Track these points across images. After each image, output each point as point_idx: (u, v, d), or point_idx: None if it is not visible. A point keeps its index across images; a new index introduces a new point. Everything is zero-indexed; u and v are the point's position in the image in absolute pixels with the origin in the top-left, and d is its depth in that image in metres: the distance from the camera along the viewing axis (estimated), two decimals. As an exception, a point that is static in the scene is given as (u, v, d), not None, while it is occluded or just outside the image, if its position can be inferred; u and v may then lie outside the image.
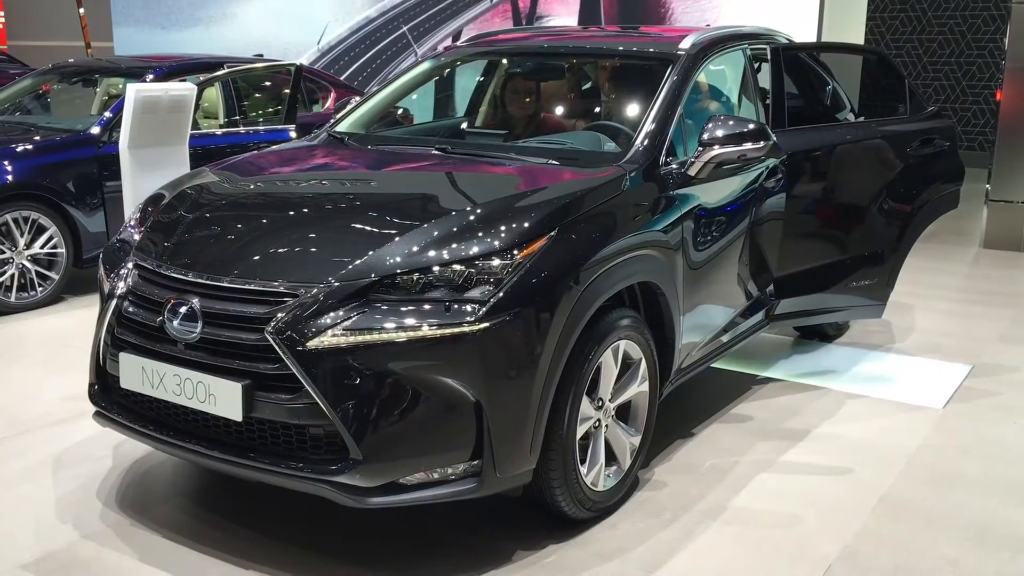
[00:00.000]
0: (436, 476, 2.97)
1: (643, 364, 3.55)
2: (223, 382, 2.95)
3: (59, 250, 6.20)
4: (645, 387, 3.59)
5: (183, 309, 3.04)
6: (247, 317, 2.95)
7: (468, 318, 2.89)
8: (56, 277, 6.21)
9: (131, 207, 5.70)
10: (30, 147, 6.26)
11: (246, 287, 2.99)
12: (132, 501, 3.53)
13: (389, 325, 2.87)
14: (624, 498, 3.55)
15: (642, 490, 3.66)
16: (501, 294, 2.94)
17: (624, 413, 3.56)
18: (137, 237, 3.52)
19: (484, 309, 2.91)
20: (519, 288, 2.97)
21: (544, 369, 3.02)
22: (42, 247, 6.13)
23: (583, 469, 3.29)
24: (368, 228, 3.21)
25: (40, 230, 6.12)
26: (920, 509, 3.58)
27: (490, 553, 3.19)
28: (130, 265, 3.34)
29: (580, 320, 3.14)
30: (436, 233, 3.06)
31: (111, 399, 3.35)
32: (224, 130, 7.26)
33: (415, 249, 3.00)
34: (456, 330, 2.87)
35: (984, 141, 12.45)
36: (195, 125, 7.17)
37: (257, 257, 3.12)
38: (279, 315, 2.89)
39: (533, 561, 3.16)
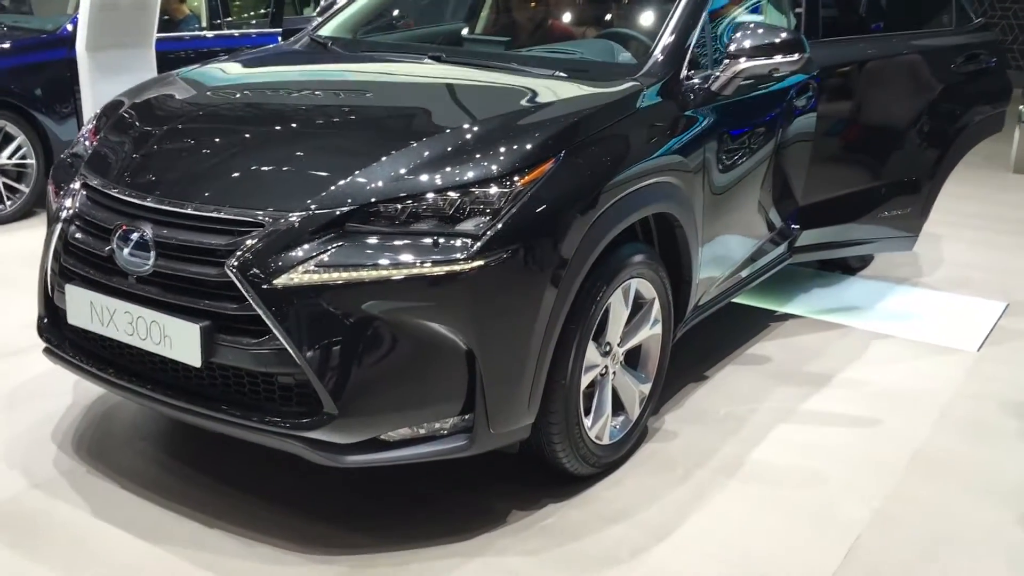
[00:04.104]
0: (422, 432, 2.62)
1: (656, 304, 3.18)
2: (179, 322, 2.58)
3: (28, 161, 5.79)
4: (658, 330, 3.22)
5: (134, 237, 2.66)
6: (206, 249, 2.57)
7: (460, 254, 2.50)
8: (26, 190, 5.81)
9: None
10: (-6, 48, 5.80)
11: (205, 214, 2.60)
12: (89, 445, 3.21)
13: (369, 261, 2.49)
14: (631, 450, 3.22)
15: (651, 441, 3.33)
16: (498, 227, 2.55)
17: (633, 358, 3.21)
18: (89, 151, 3.12)
19: (478, 244, 2.52)
20: (519, 220, 2.58)
21: (546, 313, 2.65)
22: (10, 158, 5.72)
23: (587, 421, 2.95)
24: (347, 148, 2.80)
25: (7, 139, 5.70)
26: (958, 467, 3.25)
27: (482, 513, 2.87)
28: (77, 184, 2.94)
29: (588, 257, 2.75)
30: (425, 154, 2.65)
31: (61, 335, 2.99)
32: (201, 33, 6.75)
33: (401, 172, 2.60)
34: (446, 268, 2.49)
35: (1021, 57, 11.83)
36: (178, 26, 6.68)
37: (219, 179, 2.72)
38: (242, 247, 2.51)
39: (530, 523, 2.84)
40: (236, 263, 2.49)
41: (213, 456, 3.12)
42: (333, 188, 2.57)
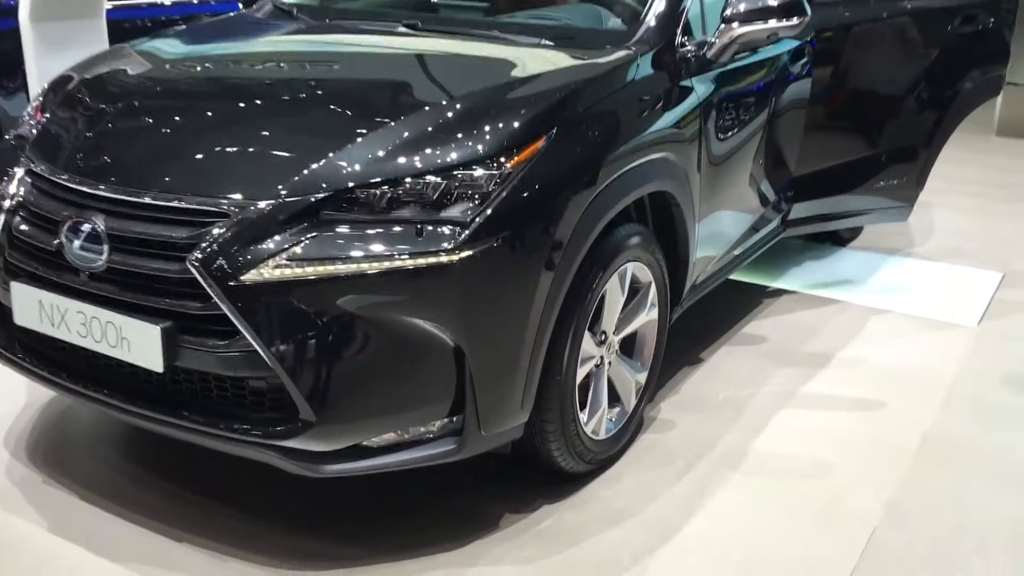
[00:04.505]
0: (408, 437, 2.42)
1: (652, 288, 2.98)
2: (138, 323, 2.35)
3: (-24, 139, 5.45)
4: (654, 315, 3.03)
5: (85, 229, 2.41)
6: (165, 242, 2.33)
7: (445, 244, 2.28)
8: (-25, 170, 5.48)
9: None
10: (-65, 19, 5.44)
11: (162, 203, 2.35)
12: (46, 451, 2.97)
13: (346, 253, 2.26)
14: (628, 443, 3.03)
15: (648, 432, 3.14)
16: (487, 213, 2.33)
17: (628, 346, 3.01)
18: (34, 133, 2.85)
19: (466, 233, 2.30)
20: (509, 205, 2.36)
21: (540, 304, 2.45)
22: (-44, 136, 5.39)
23: (583, 416, 2.76)
24: (319, 128, 2.56)
25: (-48, 116, 5.37)
26: (969, 451, 3.10)
27: (474, 519, 2.68)
28: (21, 171, 2.68)
29: (584, 242, 2.55)
30: (405, 134, 2.42)
31: (9, 335, 2.74)
32: (157, 1, 6.41)
33: (379, 154, 2.37)
34: (431, 260, 2.27)
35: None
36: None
37: (178, 164, 2.47)
38: (206, 240, 2.27)
39: (524, 527, 2.65)
40: (199, 257, 2.25)
41: (181, 462, 2.89)
42: (305, 173, 2.34)
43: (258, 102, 2.75)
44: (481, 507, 2.73)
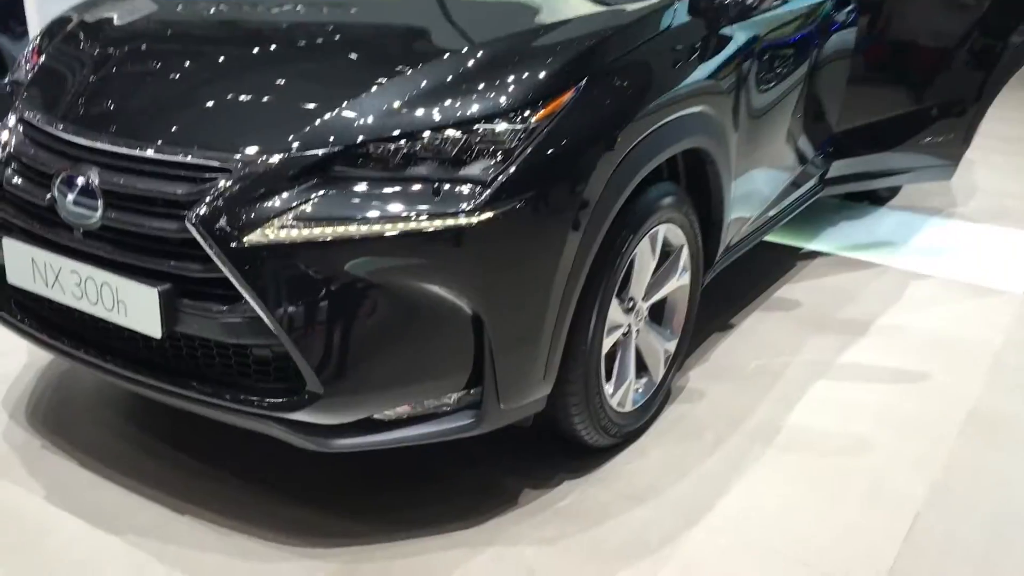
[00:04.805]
0: (422, 410, 2.26)
1: (685, 251, 2.80)
2: (134, 285, 2.19)
3: (-17, 84, 5.29)
4: (686, 279, 2.85)
5: (78, 183, 2.25)
6: (162, 199, 2.17)
7: (465, 205, 2.11)
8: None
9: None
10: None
11: (159, 156, 2.18)
12: (46, 414, 2.84)
13: (358, 213, 2.09)
14: (655, 415, 2.87)
15: (676, 402, 2.98)
16: (510, 171, 2.15)
17: (658, 312, 2.84)
18: (28, 79, 2.68)
19: (487, 193, 2.12)
20: (534, 163, 2.18)
21: (565, 270, 2.27)
22: (-38, 80, 5.23)
23: (608, 388, 2.60)
24: (331, 76, 2.37)
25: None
26: (1019, 428, 2.92)
27: (491, 494, 2.53)
28: (13, 119, 2.52)
29: (614, 203, 2.36)
30: (423, 84, 2.23)
31: (4, 294, 2.60)
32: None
33: (395, 106, 2.18)
34: (449, 222, 2.09)
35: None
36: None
37: (179, 115, 2.30)
38: (206, 197, 2.10)
39: (545, 505, 2.51)
40: (198, 216, 2.09)
41: (185, 428, 2.76)
42: (314, 125, 2.16)
43: (266, 49, 2.56)
44: (499, 481, 2.59)
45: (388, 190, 2.12)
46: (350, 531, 2.39)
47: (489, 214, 2.11)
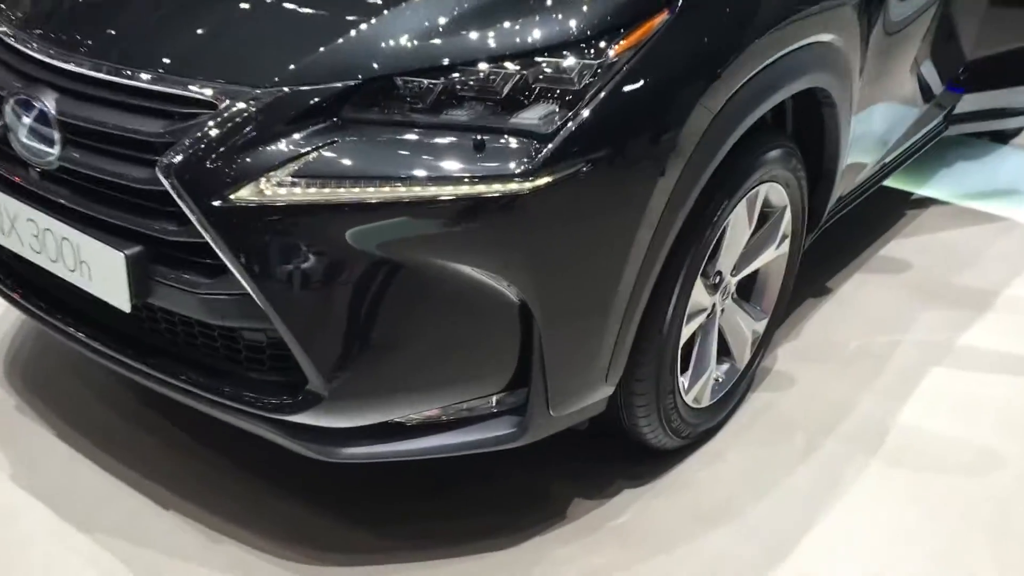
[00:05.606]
0: (453, 415, 1.81)
1: (787, 214, 2.27)
2: (98, 246, 1.75)
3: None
4: (785, 248, 2.33)
5: (34, 109, 1.79)
6: (130, 138, 1.70)
7: (517, 164, 1.61)
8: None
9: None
10: None
11: (126, 82, 1.71)
12: (24, 369, 2.46)
13: (376, 170, 1.61)
14: (736, 406, 2.40)
15: (760, 390, 2.50)
16: (580, 120, 1.64)
17: (746, 286, 2.34)
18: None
19: (547, 148, 1.62)
20: (610, 111, 1.66)
21: (642, 248, 1.78)
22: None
23: (683, 381, 2.12)
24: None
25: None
26: None
27: (533, 503, 2.11)
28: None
29: (709, 161, 1.84)
30: (465, 3, 1.70)
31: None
32: None
33: (428, 30, 1.67)
34: (495, 187, 1.60)
35: None
36: None
37: (156, 33, 1.80)
38: (185, 139, 1.63)
39: (598, 521, 2.07)
40: (173, 163, 1.61)
41: (180, 404, 2.34)
42: (326, 51, 1.66)
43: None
44: (544, 487, 2.15)
45: (416, 140, 1.63)
46: (361, 545, 1.99)
47: (547, 179, 1.61)
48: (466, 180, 1.59)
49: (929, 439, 2.37)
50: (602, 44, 1.67)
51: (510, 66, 1.64)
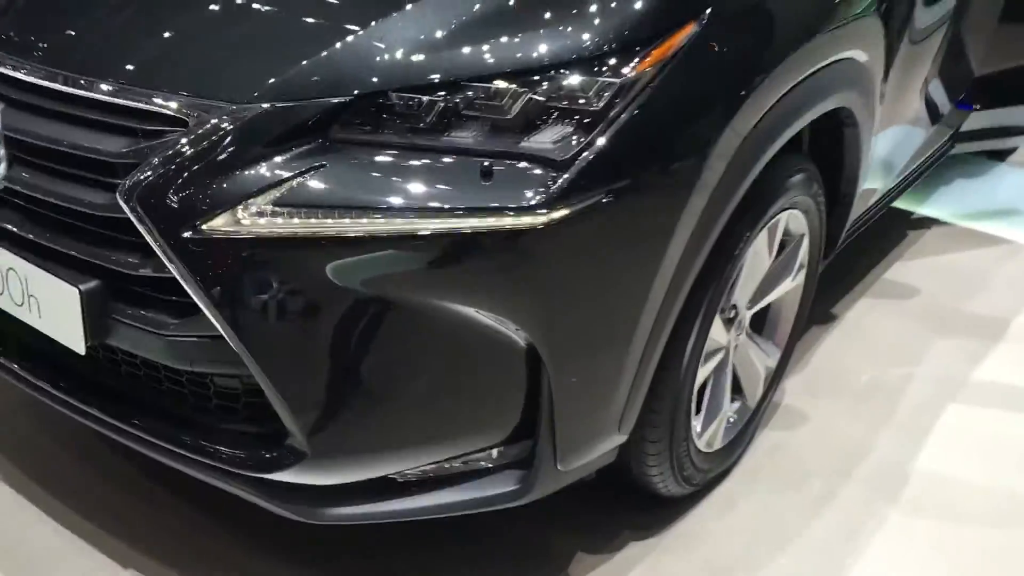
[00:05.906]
0: (450, 471, 1.62)
1: (805, 242, 2.11)
2: (49, 279, 1.54)
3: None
4: (800, 279, 2.17)
5: (-25, 123, 1.58)
6: (88, 159, 1.49)
7: (529, 195, 1.42)
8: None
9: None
10: None
11: (84, 94, 1.50)
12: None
13: (368, 199, 1.41)
14: (747, 445, 2.23)
15: (771, 427, 2.33)
16: (598, 146, 1.45)
17: (759, 319, 2.17)
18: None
19: (562, 178, 1.43)
20: (631, 135, 1.48)
21: (662, 287, 1.60)
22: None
23: (695, 425, 1.95)
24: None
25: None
26: None
27: (536, 559, 1.92)
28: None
29: (736, 189, 1.67)
30: (474, 9, 1.52)
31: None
32: None
33: (429, 41, 1.48)
34: (504, 221, 1.41)
35: None
36: None
37: (122, 39, 1.60)
38: (151, 160, 1.43)
39: (604, 579, 1.89)
40: (136, 187, 1.41)
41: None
42: (310, 63, 1.46)
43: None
44: (546, 540, 1.97)
45: (414, 165, 1.44)
46: (345, 606, 1.80)
47: (565, 211, 1.43)
48: (471, 212, 1.41)
49: (950, 485, 2.21)
50: (623, 60, 1.49)
51: (520, 83, 1.46)
